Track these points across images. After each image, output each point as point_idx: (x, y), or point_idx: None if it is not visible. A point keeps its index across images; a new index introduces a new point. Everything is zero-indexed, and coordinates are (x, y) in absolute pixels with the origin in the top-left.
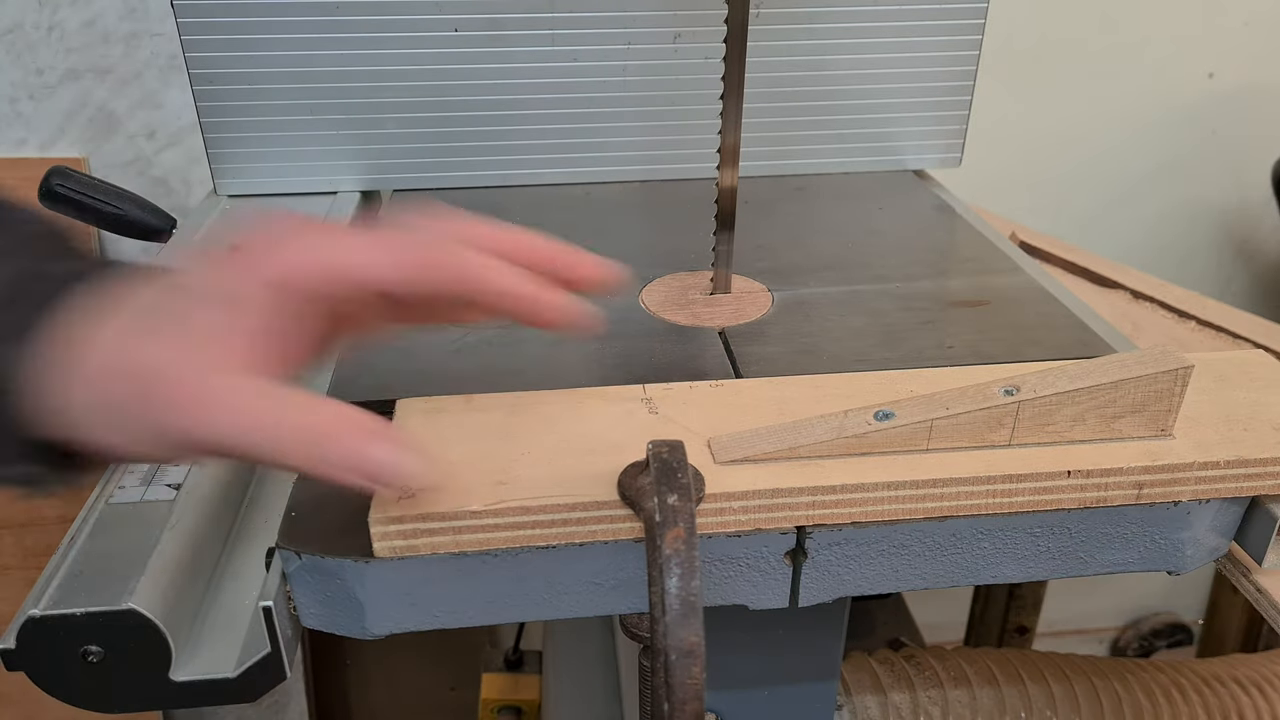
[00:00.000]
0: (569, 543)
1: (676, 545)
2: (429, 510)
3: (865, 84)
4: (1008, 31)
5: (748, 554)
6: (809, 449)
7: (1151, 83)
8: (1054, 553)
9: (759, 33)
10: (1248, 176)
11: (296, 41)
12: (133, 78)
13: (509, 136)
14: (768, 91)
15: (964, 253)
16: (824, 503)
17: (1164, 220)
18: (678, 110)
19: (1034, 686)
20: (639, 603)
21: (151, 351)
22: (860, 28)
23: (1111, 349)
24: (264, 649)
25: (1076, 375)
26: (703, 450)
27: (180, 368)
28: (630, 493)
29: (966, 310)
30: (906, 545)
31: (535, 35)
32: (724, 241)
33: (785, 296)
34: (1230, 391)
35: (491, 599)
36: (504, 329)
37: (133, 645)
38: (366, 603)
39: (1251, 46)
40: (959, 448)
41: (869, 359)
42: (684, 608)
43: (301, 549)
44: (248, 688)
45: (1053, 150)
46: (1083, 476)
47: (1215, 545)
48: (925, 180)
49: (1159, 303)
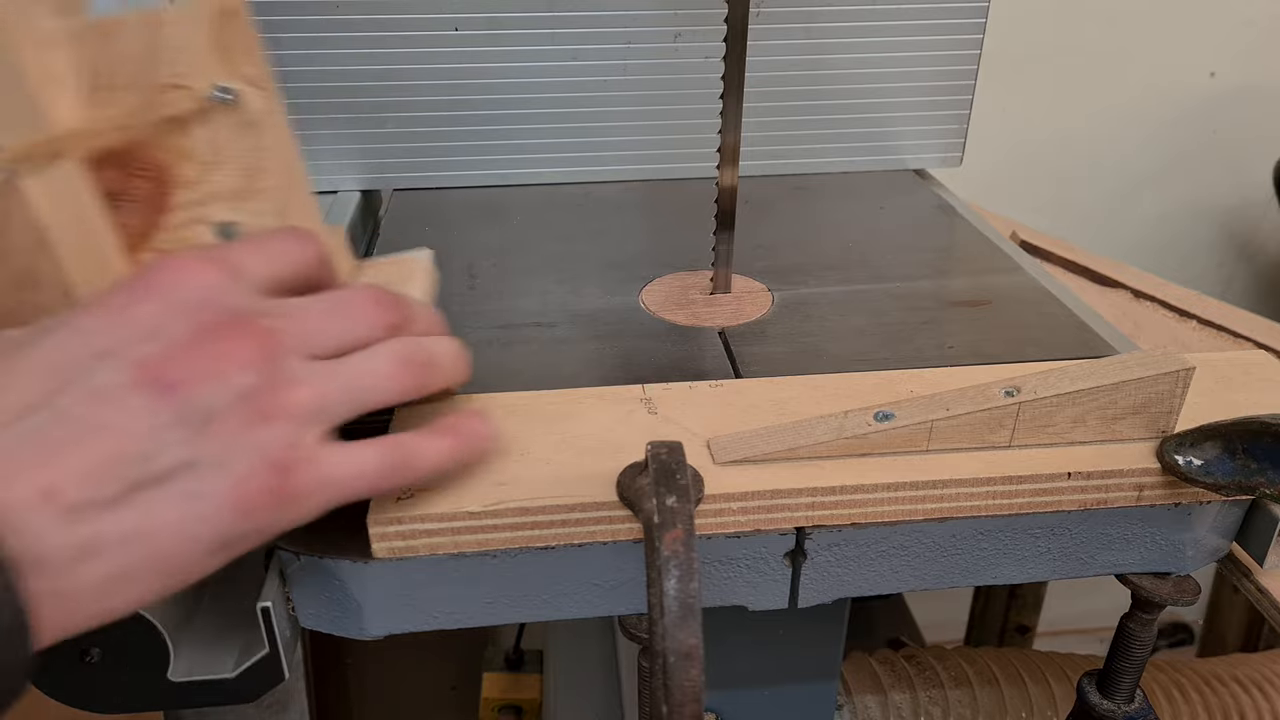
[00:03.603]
0: (568, 544)
1: (675, 547)
2: (428, 511)
3: (866, 83)
4: (1009, 30)
5: (747, 555)
6: (809, 450)
7: (1153, 82)
8: (1054, 554)
9: (759, 32)
10: (1249, 176)
11: (296, 41)
12: None
13: (509, 136)
14: (768, 91)
15: (965, 252)
16: (824, 504)
17: (1165, 219)
18: (678, 110)
19: (1035, 686)
20: (638, 604)
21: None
22: (861, 26)
23: (1112, 349)
24: (262, 649)
25: (1077, 376)
26: (702, 451)
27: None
28: (629, 494)
29: (967, 310)
30: (906, 546)
31: (535, 35)
32: (724, 241)
33: (785, 296)
34: (1231, 393)
35: (490, 600)
36: (503, 329)
37: (131, 646)
38: (365, 603)
39: (1253, 46)
40: (959, 449)
41: (869, 359)
42: (682, 609)
43: (300, 550)
44: (246, 688)
45: (1053, 149)
46: (1083, 478)
47: (1216, 546)
48: (926, 180)
49: (1160, 302)
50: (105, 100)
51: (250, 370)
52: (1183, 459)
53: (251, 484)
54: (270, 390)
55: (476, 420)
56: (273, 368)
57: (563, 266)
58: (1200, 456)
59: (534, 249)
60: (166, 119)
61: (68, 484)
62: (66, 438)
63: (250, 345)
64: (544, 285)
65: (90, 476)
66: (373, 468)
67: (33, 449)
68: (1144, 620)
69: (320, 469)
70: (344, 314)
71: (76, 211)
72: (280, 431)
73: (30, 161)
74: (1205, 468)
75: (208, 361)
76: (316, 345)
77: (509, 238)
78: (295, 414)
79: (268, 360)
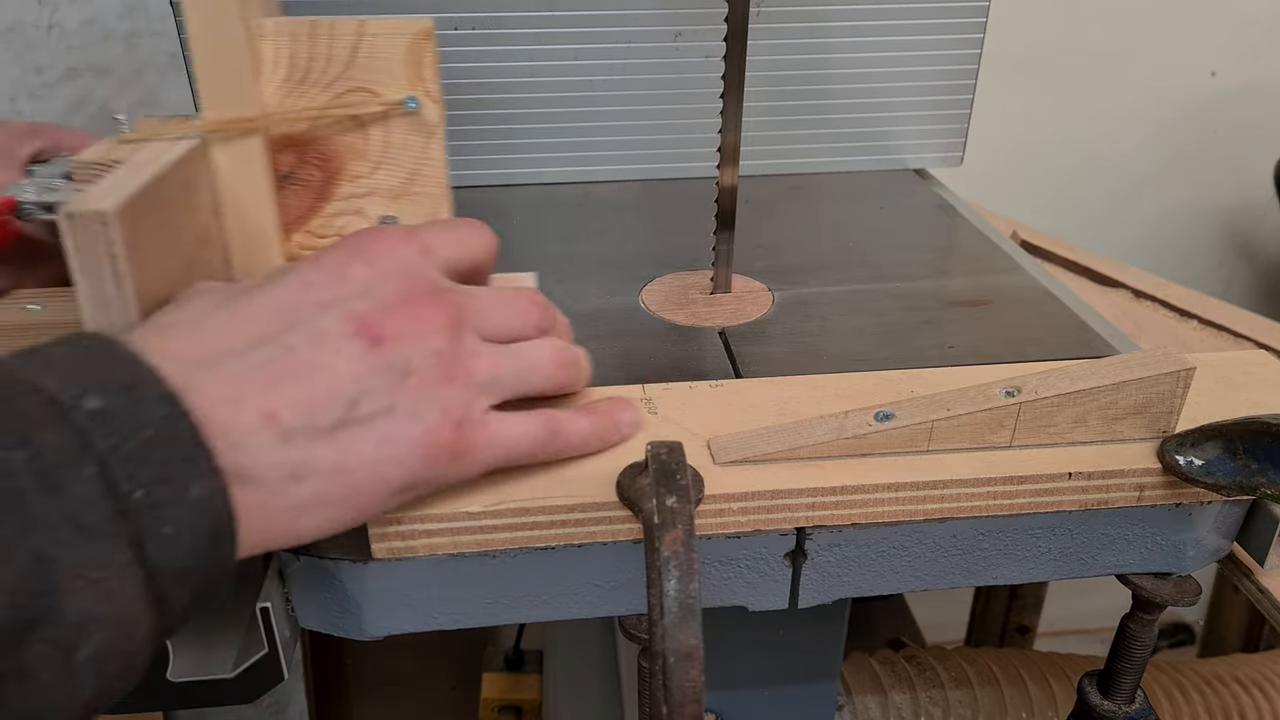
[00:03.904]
0: (568, 544)
1: (675, 547)
2: (427, 511)
3: (866, 82)
4: (1010, 29)
5: (747, 555)
6: (809, 450)
7: (1154, 81)
8: (1055, 554)
9: (759, 31)
10: (1249, 175)
11: None
12: (133, 76)
13: (509, 136)
14: (768, 90)
15: (965, 252)
16: (824, 504)
17: (1165, 219)
18: (678, 109)
19: (1035, 687)
20: (638, 604)
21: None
22: (861, 26)
23: (1113, 348)
24: (262, 650)
25: (1078, 376)
26: (702, 451)
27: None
28: (629, 494)
29: (967, 310)
30: (907, 547)
31: (535, 35)
32: (724, 241)
33: (785, 296)
34: (1232, 393)
35: (489, 600)
36: None
37: None
38: (364, 604)
39: (1254, 45)
40: (960, 449)
41: (869, 359)
42: (682, 610)
43: (299, 550)
44: (246, 688)
45: (1054, 149)
46: (1084, 478)
47: (1217, 547)
48: (926, 179)
49: (1160, 302)
50: (299, 92)
51: (443, 335)
52: (1183, 459)
53: (437, 435)
54: (455, 356)
55: (622, 406)
56: (458, 337)
57: (562, 266)
58: (1201, 456)
59: (533, 249)
60: (352, 117)
61: (287, 411)
62: (290, 371)
63: (444, 314)
64: (544, 285)
65: (307, 407)
66: (530, 436)
67: (261, 377)
68: (1145, 621)
69: (489, 430)
70: (508, 307)
71: (251, 185)
72: (461, 393)
73: (224, 134)
74: (1206, 468)
75: (410, 322)
76: (488, 328)
77: (508, 237)
78: (474, 381)
79: (455, 329)
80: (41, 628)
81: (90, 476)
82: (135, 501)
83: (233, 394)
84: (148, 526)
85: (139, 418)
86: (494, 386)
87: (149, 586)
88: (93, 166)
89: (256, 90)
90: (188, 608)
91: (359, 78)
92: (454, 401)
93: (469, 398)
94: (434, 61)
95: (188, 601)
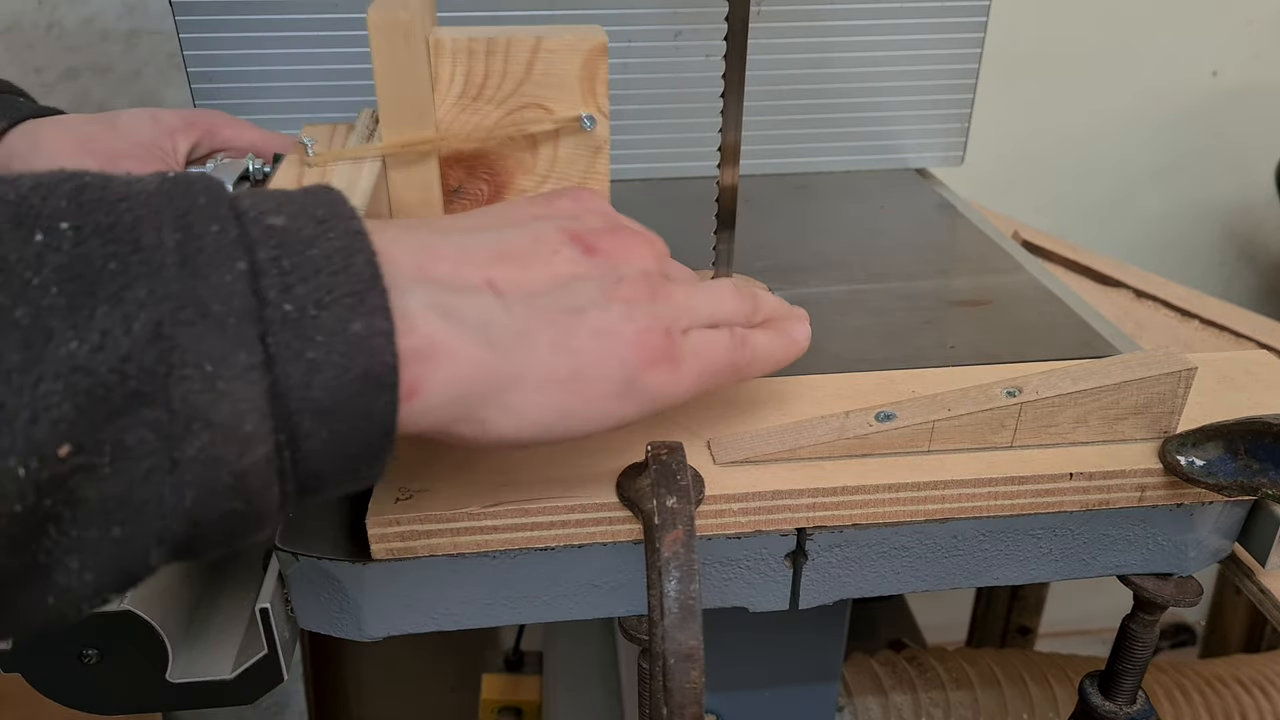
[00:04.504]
0: (568, 544)
1: (675, 548)
2: (426, 512)
3: (867, 82)
4: (1011, 29)
5: (748, 556)
6: (809, 450)
7: (1155, 81)
8: (1056, 555)
9: (760, 30)
10: (1251, 175)
11: (295, 40)
12: (132, 76)
13: None
14: (769, 89)
15: (966, 252)
16: (824, 504)
17: (1167, 219)
18: (678, 108)
19: (1036, 687)
20: (638, 605)
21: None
22: (862, 25)
23: (1114, 348)
24: (261, 651)
25: (1079, 377)
26: (702, 451)
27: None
28: (629, 494)
29: (968, 309)
30: (907, 547)
31: None
32: (725, 240)
33: (786, 296)
34: (1233, 393)
35: (489, 601)
36: None
37: (129, 647)
38: (364, 605)
39: (1255, 45)
40: (961, 449)
41: (870, 358)
42: (683, 611)
43: (299, 551)
44: (245, 689)
45: (1055, 149)
46: (1085, 479)
47: (1218, 547)
48: (927, 179)
49: (1162, 302)
50: (473, 108)
51: (649, 260)
52: (1185, 459)
53: (650, 336)
54: (660, 279)
55: (795, 320)
56: (661, 267)
57: None
58: (1202, 457)
59: None
60: (526, 136)
61: (507, 283)
62: (510, 251)
63: (647, 245)
64: None
65: (527, 286)
66: (723, 344)
67: (484, 251)
68: (1146, 621)
69: (692, 342)
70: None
71: (424, 198)
72: (667, 308)
73: (401, 155)
74: (1207, 468)
75: (619, 245)
76: (676, 276)
77: None
78: (676, 303)
79: (659, 260)
80: (146, 408)
81: (239, 272)
82: (280, 313)
83: (453, 255)
84: (287, 343)
85: (315, 243)
86: (691, 312)
87: (272, 403)
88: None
89: (432, 109)
90: (324, 456)
91: (533, 94)
92: (663, 312)
93: (675, 313)
94: (606, 77)
95: (322, 446)
